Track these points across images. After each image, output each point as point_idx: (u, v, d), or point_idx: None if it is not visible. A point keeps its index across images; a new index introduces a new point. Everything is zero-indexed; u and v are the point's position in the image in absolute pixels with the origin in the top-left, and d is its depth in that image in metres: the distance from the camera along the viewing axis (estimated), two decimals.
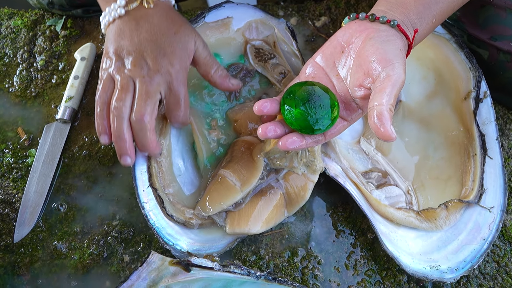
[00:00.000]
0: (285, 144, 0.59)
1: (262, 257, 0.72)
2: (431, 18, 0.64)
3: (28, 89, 0.86)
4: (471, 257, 0.70)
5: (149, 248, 0.73)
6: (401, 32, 0.61)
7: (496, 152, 0.74)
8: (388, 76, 0.56)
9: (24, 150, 0.80)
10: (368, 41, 0.59)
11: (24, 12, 0.93)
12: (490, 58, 0.78)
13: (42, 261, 0.72)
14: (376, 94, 0.55)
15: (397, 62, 0.57)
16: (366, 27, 0.61)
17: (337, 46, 0.63)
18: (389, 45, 0.59)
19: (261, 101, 0.60)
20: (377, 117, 0.54)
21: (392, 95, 0.55)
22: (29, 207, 0.75)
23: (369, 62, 0.58)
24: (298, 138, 0.59)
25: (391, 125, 0.54)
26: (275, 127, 0.60)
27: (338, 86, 0.62)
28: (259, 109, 0.60)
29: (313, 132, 0.59)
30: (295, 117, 0.59)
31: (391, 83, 0.55)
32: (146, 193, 0.69)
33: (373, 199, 0.73)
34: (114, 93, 0.65)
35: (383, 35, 0.59)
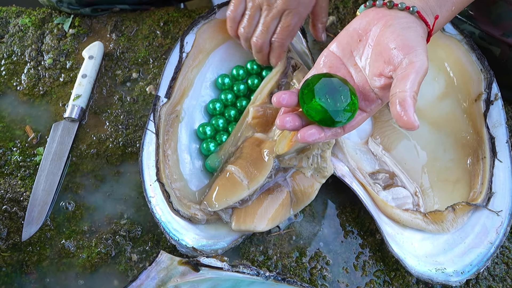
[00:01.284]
0: (303, 136, 0.57)
1: (270, 257, 0.72)
2: (450, 5, 0.62)
3: (36, 88, 0.85)
4: (477, 260, 0.70)
5: (157, 247, 0.73)
6: (421, 19, 0.59)
7: (506, 155, 0.74)
8: (411, 62, 0.54)
9: (32, 149, 0.80)
10: (387, 28, 0.57)
11: (32, 11, 0.93)
12: (501, 55, 0.77)
13: (50, 260, 0.72)
14: (399, 81, 0.53)
15: (420, 48, 0.55)
16: (384, 15, 0.59)
17: (354, 35, 0.61)
18: (410, 32, 0.56)
19: (279, 93, 0.58)
20: (400, 104, 0.52)
21: (416, 82, 0.53)
22: (37, 206, 0.75)
23: (389, 50, 0.56)
24: (317, 130, 0.57)
25: (414, 113, 0.51)
26: (293, 119, 0.58)
27: (356, 76, 0.60)
28: (278, 101, 0.58)
29: (333, 124, 0.57)
30: (315, 109, 0.57)
31: (414, 69, 0.53)
32: (152, 187, 0.70)
33: (379, 200, 0.73)
34: (244, 17, 0.75)
35: (403, 22, 0.57)
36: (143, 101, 0.84)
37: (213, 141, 0.76)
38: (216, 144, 0.76)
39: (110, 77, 0.86)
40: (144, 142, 0.72)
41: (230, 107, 0.80)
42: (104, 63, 0.87)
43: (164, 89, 0.75)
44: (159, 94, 0.75)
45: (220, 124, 0.78)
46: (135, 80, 0.86)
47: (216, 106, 0.79)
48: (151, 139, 0.72)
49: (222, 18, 0.80)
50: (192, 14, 0.93)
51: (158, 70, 0.86)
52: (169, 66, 0.77)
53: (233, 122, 0.79)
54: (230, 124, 0.79)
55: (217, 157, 0.75)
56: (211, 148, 0.76)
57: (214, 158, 0.75)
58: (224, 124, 0.78)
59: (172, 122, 0.75)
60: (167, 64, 0.77)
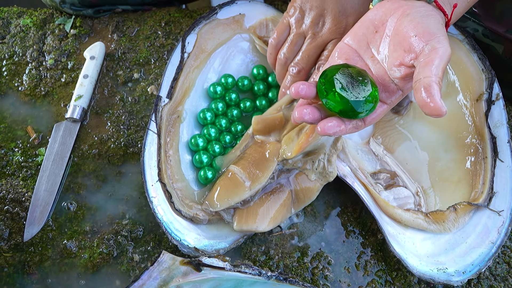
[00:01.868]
0: (324, 129, 0.55)
1: (272, 257, 0.73)
2: None
3: (38, 88, 0.86)
4: (479, 260, 0.70)
5: (159, 248, 0.73)
6: (438, 8, 0.57)
7: (507, 155, 0.74)
8: (434, 49, 0.52)
9: (34, 149, 0.80)
10: (405, 17, 0.56)
11: (33, 11, 0.93)
12: (505, 53, 0.77)
13: (51, 260, 0.72)
14: (422, 68, 0.51)
15: (441, 35, 0.53)
16: (401, 5, 0.57)
17: (369, 26, 0.59)
18: (429, 19, 0.55)
19: (298, 83, 0.56)
20: (425, 90, 0.49)
21: (440, 68, 0.51)
22: (39, 206, 0.75)
23: (409, 38, 0.54)
24: (337, 122, 0.55)
25: (441, 98, 0.49)
26: (312, 111, 0.56)
27: (374, 68, 0.59)
28: (296, 92, 0.56)
29: (355, 116, 0.55)
30: (336, 100, 0.54)
31: (438, 55, 0.51)
32: (154, 187, 0.70)
33: (381, 200, 0.73)
34: (285, 43, 0.74)
35: (422, 11, 0.56)
36: (144, 101, 0.84)
37: (206, 152, 0.75)
38: (209, 156, 0.75)
39: (112, 77, 0.87)
40: (145, 143, 0.72)
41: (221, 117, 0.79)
42: (105, 63, 0.88)
43: (165, 89, 0.75)
44: (160, 95, 0.75)
45: (212, 134, 0.77)
46: (137, 80, 0.86)
47: (206, 115, 0.77)
48: (152, 139, 0.72)
49: (223, 18, 0.80)
50: (193, 14, 0.93)
51: (160, 70, 0.86)
52: (170, 67, 0.77)
53: (225, 132, 0.78)
54: (221, 134, 0.78)
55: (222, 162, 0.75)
56: (203, 160, 0.74)
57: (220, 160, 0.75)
58: (216, 134, 0.77)
59: (174, 122, 0.75)
60: (168, 64, 0.77)
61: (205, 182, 0.73)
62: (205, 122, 0.78)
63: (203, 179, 0.73)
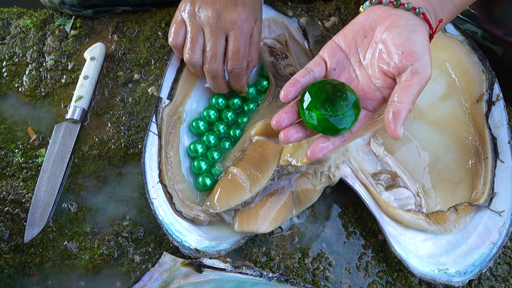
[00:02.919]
0: (313, 154, 0.57)
1: (273, 258, 0.72)
2: (452, 7, 0.63)
3: (38, 89, 0.85)
4: (480, 261, 0.70)
5: (160, 249, 0.73)
6: (425, 21, 0.59)
7: (508, 155, 0.74)
8: (416, 72, 0.55)
9: (34, 150, 0.80)
10: (394, 29, 0.57)
11: (33, 12, 0.93)
12: (504, 55, 0.77)
13: (52, 262, 0.72)
14: (400, 91, 0.55)
15: (426, 56, 0.56)
16: (391, 14, 0.59)
17: (359, 30, 0.60)
18: (417, 36, 0.57)
19: (278, 114, 0.58)
20: (393, 114, 0.54)
21: (416, 93, 0.55)
22: (39, 207, 0.75)
23: (395, 53, 0.56)
24: (324, 144, 0.57)
25: (402, 126, 0.54)
26: (296, 131, 0.58)
27: (360, 74, 0.60)
28: (278, 124, 0.58)
29: (338, 132, 0.57)
30: (317, 119, 0.56)
31: (417, 81, 0.55)
32: (155, 189, 0.70)
33: (382, 201, 0.73)
34: (186, 41, 0.72)
35: (410, 24, 0.58)
36: (145, 102, 0.84)
37: (204, 159, 0.75)
38: (208, 163, 0.75)
39: (112, 78, 0.86)
40: (146, 144, 0.72)
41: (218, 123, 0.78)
42: (105, 64, 0.87)
43: (166, 90, 0.75)
44: (161, 96, 0.75)
45: (211, 141, 0.76)
46: (137, 81, 0.86)
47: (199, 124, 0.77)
48: (153, 140, 0.72)
49: None
50: None
51: (160, 71, 0.86)
52: (170, 68, 0.77)
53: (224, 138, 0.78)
54: (221, 140, 0.77)
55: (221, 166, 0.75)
56: (202, 167, 0.74)
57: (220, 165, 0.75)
58: (216, 141, 0.77)
59: (174, 123, 0.75)
60: (168, 65, 0.77)
61: (203, 189, 0.73)
62: (198, 131, 0.77)
63: (201, 186, 0.73)
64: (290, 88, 0.58)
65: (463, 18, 0.81)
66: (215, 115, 0.78)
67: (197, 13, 0.72)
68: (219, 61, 0.71)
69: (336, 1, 0.95)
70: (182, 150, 0.75)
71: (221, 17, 0.71)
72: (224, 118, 0.78)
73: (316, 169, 0.70)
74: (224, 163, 0.74)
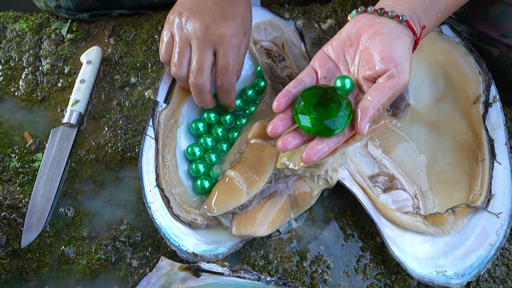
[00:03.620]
0: (309, 157, 0.58)
1: (271, 261, 0.72)
2: (436, 13, 0.65)
3: (34, 93, 0.85)
4: (478, 263, 0.70)
5: (158, 253, 0.73)
6: (409, 28, 0.61)
7: (505, 157, 0.74)
8: (392, 77, 0.58)
9: (31, 155, 0.80)
10: (377, 37, 0.60)
11: (29, 16, 0.93)
12: (500, 56, 0.77)
13: (49, 266, 0.72)
14: (374, 90, 0.58)
15: (405, 62, 0.58)
16: (375, 22, 0.61)
17: (346, 39, 0.63)
18: (398, 44, 0.59)
19: (273, 122, 0.59)
20: (362, 110, 0.57)
21: (388, 96, 0.57)
22: (36, 212, 0.74)
23: (376, 59, 0.59)
24: (320, 147, 0.58)
25: (367, 124, 0.57)
26: (293, 138, 0.60)
27: None
28: (273, 131, 0.59)
29: (332, 133, 0.58)
30: (311, 122, 0.58)
31: (392, 84, 0.57)
32: (152, 193, 0.70)
33: (379, 203, 0.73)
34: (173, 54, 0.71)
35: (393, 32, 0.60)
36: (142, 105, 0.84)
37: (202, 162, 0.74)
38: (206, 166, 0.74)
39: (109, 82, 0.86)
40: (143, 148, 0.72)
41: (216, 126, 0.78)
42: (102, 68, 0.87)
43: (162, 94, 0.75)
44: (157, 100, 0.74)
45: (209, 143, 0.76)
46: (134, 84, 0.86)
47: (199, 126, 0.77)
48: (150, 144, 0.72)
49: None
50: None
51: (157, 74, 0.86)
52: (167, 71, 0.76)
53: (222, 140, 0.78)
54: (218, 142, 0.77)
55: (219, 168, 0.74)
56: (200, 170, 0.74)
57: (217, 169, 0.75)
58: (213, 143, 0.77)
59: (171, 127, 0.75)
60: (165, 69, 0.77)
61: (202, 192, 0.73)
62: (198, 133, 0.77)
63: (200, 188, 0.73)
64: (282, 98, 0.60)
65: (459, 20, 0.81)
66: (216, 118, 0.78)
67: (185, 25, 0.70)
68: (205, 76, 0.70)
69: (332, 3, 0.95)
70: (179, 153, 0.75)
71: (209, 31, 0.69)
72: (214, 134, 0.78)
73: (313, 172, 0.70)
74: (221, 166, 0.74)
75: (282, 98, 0.60)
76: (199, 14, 0.69)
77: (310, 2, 0.97)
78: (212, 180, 0.73)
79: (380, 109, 0.57)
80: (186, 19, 0.70)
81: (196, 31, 0.69)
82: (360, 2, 0.94)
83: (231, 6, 0.70)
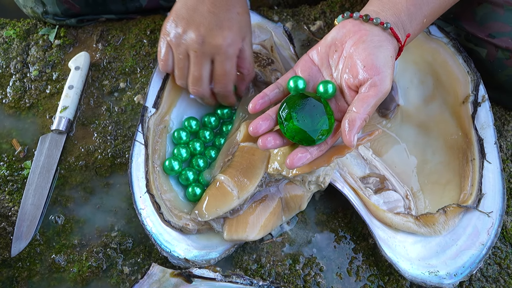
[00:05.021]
0: (292, 163, 0.59)
1: (264, 265, 0.72)
2: (421, 18, 0.66)
3: (22, 100, 0.84)
4: (470, 262, 0.70)
5: (149, 259, 0.72)
6: (393, 35, 0.62)
7: (494, 156, 0.74)
8: (374, 85, 0.58)
9: (20, 162, 0.79)
10: (361, 44, 0.61)
11: (17, 22, 0.92)
12: (488, 56, 0.78)
13: (40, 275, 0.71)
14: (358, 101, 0.58)
15: (387, 70, 0.59)
16: (360, 29, 0.62)
17: (331, 45, 0.64)
18: (380, 52, 0.60)
19: (255, 121, 0.61)
20: (349, 122, 0.57)
21: (372, 105, 0.58)
22: (26, 220, 0.74)
23: (358, 66, 0.60)
24: (303, 154, 0.60)
25: (356, 135, 0.57)
26: (273, 138, 0.61)
27: None
28: (254, 131, 0.60)
29: (313, 142, 0.60)
30: (294, 130, 0.59)
31: (374, 93, 0.58)
32: (142, 199, 0.69)
33: (371, 204, 0.73)
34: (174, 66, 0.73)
35: (376, 40, 0.61)
36: (131, 111, 0.83)
37: (191, 169, 0.74)
38: (195, 172, 0.74)
39: (97, 87, 0.86)
40: (132, 154, 0.71)
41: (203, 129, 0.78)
42: (90, 73, 0.87)
43: (152, 99, 0.75)
44: (146, 105, 0.74)
45: (197, 148, 0.76)
46: (123, 90, 0.86)
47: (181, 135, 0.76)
48: (139, 150, 0.72)
49: None
50: None
51: (146, 79, 0.86)
52: (156, 76, 0.76)
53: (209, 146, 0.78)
54: (207, 149, 0.77)
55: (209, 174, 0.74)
56: (189, 177, 0.73)
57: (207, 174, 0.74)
58: (201, 148, 0.77)
59: (161, 132, 0.75)
60: (154, 73, 0.76)
61: (193, 199, 0.72)
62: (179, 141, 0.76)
63: (191, 196, 0.72)
64: (258, 100, 0.62)
65: (446, 21, 0.81)
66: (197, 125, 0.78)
67: (182, 36, 0.70)
68: (204, 85, 0.72)
69: (321, 5, 0.95)
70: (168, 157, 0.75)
71: (206, 42, 0.69)
72: (202, 137, 0.78)
73: (304, 177, 0.70)
74: (211, 171, 0.74)
75: (259, 100, 0.62)
76: (194, 26, 0.69)
77: (299, 4, 0.97)
78: (203, 187, 0.73)
79: (366, 119, 0.58)
80: (182, 31, 0.70)
81: (193, 43, 0.69)
82: (349, 3, 0.94)
83: (227, 13, 0.69)
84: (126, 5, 0.90)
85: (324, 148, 0.61)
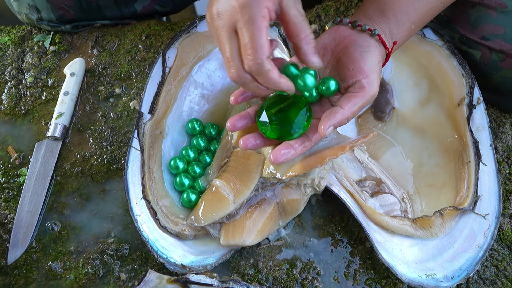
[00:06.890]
0: (276, 158, 0.60)
1: (261, 270, 0.72)
2: (409, 25, 0.67)
3: (18, 107, 0.84)
4: (466, 265, 0.70)
5: (146, 265, 0.72)
6: (380, 41, 0.64)
7: (490, 158, 0.74)
8: (362, 87, 0.60)
9: (15, 169, 0.79)
10: (350, 49, 0.62)
11: (11, 29, 0.92)
12: (482, 59, 0.78)
13: (37, 283, 0.71)
14: (345, 99, 0.60)
15: (374, 75, 0.60)
16: (349, 34, 0.64)
17: (320, 49, 0.65)
18: (368, 56, 0.62)
19: (233, 118, 0.62)
20: (330, 112, 0.58)
21: (358, 105, 0.59)
22: (22, 228, 0.73)
23: (347, 70, 0.61)
24: (286, 150, 0.60)
25: (331, 127, 0.58)
26: (254, 139, 0.62)
27: None
28: (232, 127, 0.62)
29: (291, 137, 0.61)
30: (271, 128, 0.61)
31: (362, 94, 0.59)
32: (139, 205, 0.69)
33: (367, 208, 0.73)
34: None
35: (364, 45, 0.62)
36: (127, 116, 0.83)
37: (187, 175, 0.74)
38: (191, 178, 0.74)
39: (93, 93, 0.86)
40: (128, 160, 0.71)
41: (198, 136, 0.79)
42: (86, 79, 0.87)
43: (147, 105, 0.75)
44: (142, 111, 0.74)
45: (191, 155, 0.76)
46: (119, 95, 0.85)
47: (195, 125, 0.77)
48: (135, 156, 0.72)
49: (204, 31, 0.79)
50: (174, 27, 0.92)
51: (142, 84, 0.86)
52: (151, 81, 0.76)
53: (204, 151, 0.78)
54: (201, 154, 0.77)
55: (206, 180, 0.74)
56: (185, 183, 0.74)
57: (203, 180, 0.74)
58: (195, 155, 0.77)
59: (156, 138, 0.75)
60: (149, 79, 0.76)
61: (188, 205, 0.72)
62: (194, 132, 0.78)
63: (186, 202, 0.72)
64: (239, 94, 0.62)
65: (440, 24, 0.81)
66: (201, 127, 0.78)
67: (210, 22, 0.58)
68: (236, 66, 0.56)
69: (316, 8, 0.95)
70: (164, 164, 0.75)
71: (220, 13, 0.56)
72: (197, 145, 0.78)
73: (300, 181, 0.70)
74: (207, 178, 0.74)
75: (240, 95, 0.62)
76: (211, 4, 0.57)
77: None
78: (198, 193, 0.73)
79: (350, 118, 0.59)
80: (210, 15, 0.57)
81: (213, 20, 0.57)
82: (344, 7, 0.94)
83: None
84: (121, 10, 0.90)
85: (308, 144, 0.62)
